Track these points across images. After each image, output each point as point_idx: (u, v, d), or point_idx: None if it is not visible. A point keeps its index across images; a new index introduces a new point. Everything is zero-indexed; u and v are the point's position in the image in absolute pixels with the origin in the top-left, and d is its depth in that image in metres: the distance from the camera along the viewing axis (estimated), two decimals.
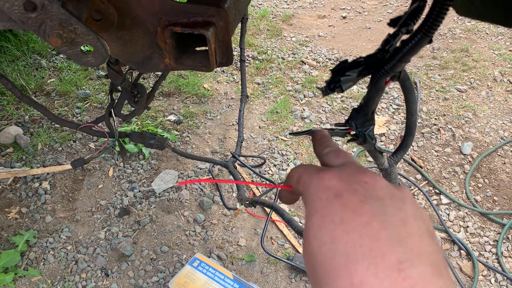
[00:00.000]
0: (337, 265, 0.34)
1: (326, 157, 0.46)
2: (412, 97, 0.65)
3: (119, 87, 1.40)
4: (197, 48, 1.05)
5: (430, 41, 0.50)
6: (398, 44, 0.54)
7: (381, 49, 0.54)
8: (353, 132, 0.63)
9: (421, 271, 0.32)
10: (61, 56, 2.90)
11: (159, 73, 2.47)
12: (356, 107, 0.63)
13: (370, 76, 0.58)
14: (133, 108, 1.48)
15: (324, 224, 0.36)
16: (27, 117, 2.40)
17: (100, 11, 0.88)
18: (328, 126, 2.51)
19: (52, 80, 2.69)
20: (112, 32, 0.94)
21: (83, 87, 2.65)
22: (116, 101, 1.47)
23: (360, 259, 0.33)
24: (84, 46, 0.81)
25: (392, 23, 0.52)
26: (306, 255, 0.38)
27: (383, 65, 0.54)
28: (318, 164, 0.49)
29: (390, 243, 0.33)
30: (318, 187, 0.39)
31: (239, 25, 2.01)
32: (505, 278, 1.78)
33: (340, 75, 0.55)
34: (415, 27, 0.53)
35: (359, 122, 0.62)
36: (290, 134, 0.74)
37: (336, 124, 0.64)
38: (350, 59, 0.54)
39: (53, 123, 2.37)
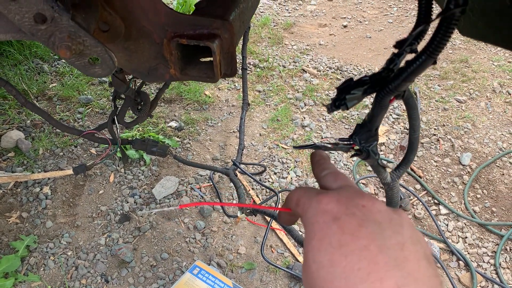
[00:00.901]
0: None
1: (324, 179, 0.47)
2: (415, 115, 0.66)
3: (123, 94, 1.41)
4: (202, 59, 1.06)
5: (435, 63, 0.52)
6: (402, 63, 0.55)
7: (386, 68, 0.56)
8: (356, 147, 0.65)
9: None
10: (63, 61, 2.91)
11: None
12: (360, 123, 0.64)
13: (374, 94, 0.59)
14: (135, 115, 1.49)
15: (323, 247, 0.37)
16: (29, 121, 2.41)
17: (107, 22, 0.89)
18: (330, 139, 2.52)
19: (54, 85, 2.70)
20: (119, 42, 0.96)
21: (85, 92, 2.66)
22: (119, 108, 1.49)
23: (359, 282, 0.33)
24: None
25: (398, 45, 0.53)
26: (305, 278, 0.38)
27: (387, 84, 0.55)
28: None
29: (388, 267, 0.34)
30: (316, 210, 0.40)
31: None
32: None
33: (346, 93, 0.56)
34: (420, 46, 0.55)
35: (363, 137, 0.63)
36: (294, 147, 0.75)
37: (340, 139, 0.65)
38: (355, 78, 0.56)
39: (54, 128, 2.38)
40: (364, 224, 0.37)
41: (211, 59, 0.96)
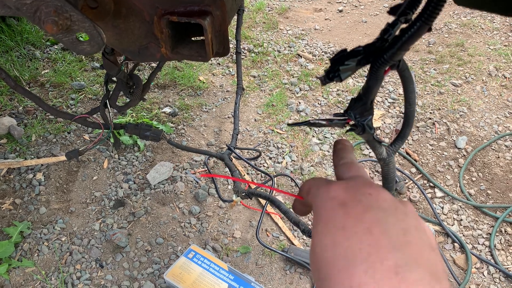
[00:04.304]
0: (337, 268, 0.35)
1: (339, 168, 0.50)
2: (411, 87, 0.64)
3: (114, 78, 1.39)
4: (194, 38, 1.04)
5: (430, 29, 0.50)
6: (397, 33, 0.54)
7: (380, 38, 0.54)
8: (352, 122, 0.63)
9: (419, 276, 0.33)
10: (56, 47, 2.87)
11: (155, 64, 2.45)
12: (355, 96, 0.63)
13: (369, 66, 0.58)
14: (128, 100, 1.47)
15: (327, 230, 0.38)
16: (21, 108, 2.38)
17: None
18: (325, 114, 2.51)
19: (46, 71, 2.67)
20: (108, 20, 0.93)
21: (78, 78, 2.63)
22: (111, 92, 1.46)
23: (359, 263, 0.34)
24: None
25: (392, 11, 0.52)
26: (311, 261, 0.40)
27: (382, 54, 0.54)
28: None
29: (389, 250, 0.35)
30: (324, 197, 0.42)
31: (235, 17, 2.00)
32: (498, 270, 1.79)
33: (339, 64, 0.54)
34: (414, 16, 0.53)
35: (358, 112, 0.62)
36: (288, 125, 0.74)
37: (334, 114, 0.63)
38: (349, 49, 0.54)
39: (47, 114, 2.35)
40: (369, 210, 0.38)
41: (203, 38, 0.94)
